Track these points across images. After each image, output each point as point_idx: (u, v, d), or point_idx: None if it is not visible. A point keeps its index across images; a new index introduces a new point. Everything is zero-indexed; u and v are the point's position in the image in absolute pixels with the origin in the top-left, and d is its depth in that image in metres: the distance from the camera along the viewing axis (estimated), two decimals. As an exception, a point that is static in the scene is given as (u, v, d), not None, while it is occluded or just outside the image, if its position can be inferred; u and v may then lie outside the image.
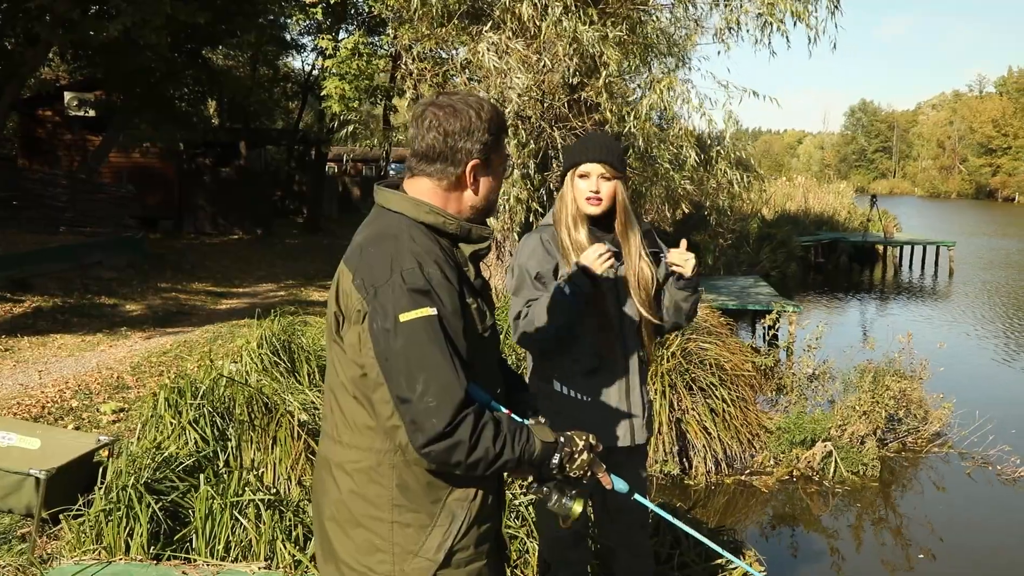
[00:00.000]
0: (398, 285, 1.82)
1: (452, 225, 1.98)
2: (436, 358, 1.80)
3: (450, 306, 1.86)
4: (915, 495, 6.92)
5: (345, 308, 1.92)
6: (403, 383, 1.79)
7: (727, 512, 6.53)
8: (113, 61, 14.59)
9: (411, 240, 1.90)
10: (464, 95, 1.99)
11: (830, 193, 31.98)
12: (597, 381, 3.01)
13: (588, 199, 2.95)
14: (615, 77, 8.21)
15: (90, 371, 7.50)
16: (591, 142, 3.02)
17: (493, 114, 1.98)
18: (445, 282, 1.87)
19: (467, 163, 1.97)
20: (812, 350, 8.43)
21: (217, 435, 4.57)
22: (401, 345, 1.80)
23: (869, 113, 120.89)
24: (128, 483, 3.72)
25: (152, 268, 13.86)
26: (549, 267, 2.97)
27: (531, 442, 1.92)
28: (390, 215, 1.99)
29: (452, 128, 1.96)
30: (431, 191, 2.00)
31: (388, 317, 1.81)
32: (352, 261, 1.94)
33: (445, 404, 1.77)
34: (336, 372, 1.99)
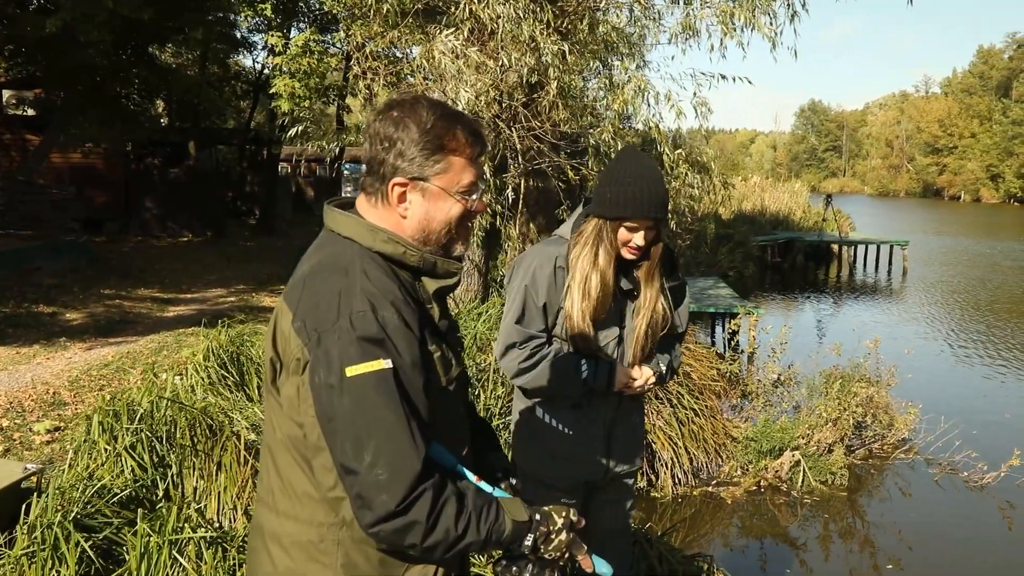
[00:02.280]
0: (346, 332, 1.53)
1: (414, 257, 1.69)
2: (389, 421, 1.51)
3: (408, 357, 1.57)
4: (883, 503, 6.82)
5: (283, 354, 1.62)
6: (349, 450, 1.51)
7: (694, 525, 6.37)
8: (52, 58, 14.03)
9: (363, 275, 1.60)
10: (429, 104, 1.70)
11: (785, 193, 32.20)
12: (582, 415, 2.80)
13: (630, 250, 2.66)
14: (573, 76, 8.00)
15: (24, 386, 7.07)
16: (641, 191, 2.60)
17: (441, 130, 1.67)
18: (403, 328, 1.58)
19: (390, 179, 1.68)
20: (777, 355, 8.30)
21: (157, 461, 4.24)
22: (348, 405, 1.51)
23: (819, 113, 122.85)
24: (54, 520, 3.38)
25: (96, 273, 13.33)
26: (556, 302, 2.72)
27: (500, 521, 1.63)
28: (340, 242, 1.70)
29: (383, 135, 1.68)
30: (369, 212, 1.73)
31: (333, 370, 1.52)
32: (293, 298, 1.64)
33: (398, 478, 1.49)
34: (273, 428, 1.69)
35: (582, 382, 2.69)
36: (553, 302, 2.72)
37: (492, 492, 1.73)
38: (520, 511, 1.67)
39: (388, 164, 1.68)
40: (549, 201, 12.44)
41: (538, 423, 2.82)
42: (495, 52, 7.72)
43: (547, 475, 2.81)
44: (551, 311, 2.73)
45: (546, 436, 2.80)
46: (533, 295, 2.72)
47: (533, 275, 2.72)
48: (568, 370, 2.69)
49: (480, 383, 6.24)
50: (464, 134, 1.70)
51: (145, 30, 14.69)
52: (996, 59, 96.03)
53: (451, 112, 1.72)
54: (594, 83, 9.51)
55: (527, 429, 2.87)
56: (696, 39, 8.14)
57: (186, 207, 20.96)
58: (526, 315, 2.73)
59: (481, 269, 9.36)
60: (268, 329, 1.70)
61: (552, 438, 2.80)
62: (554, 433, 2.80)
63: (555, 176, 8.58)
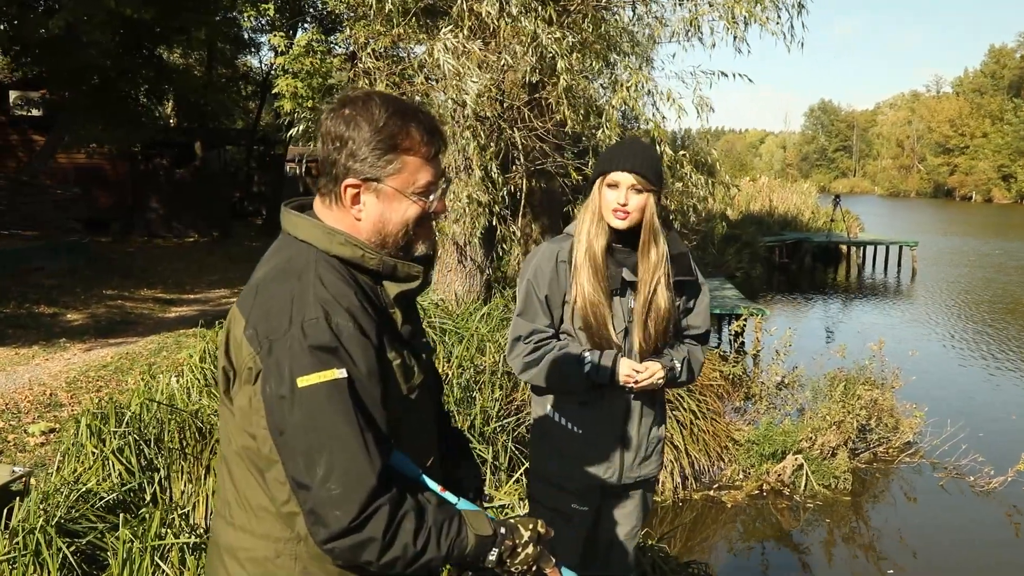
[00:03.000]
0: (297, 340, 1.46)
1: (372, 260, 1.62)
2: (342, 434, 1.44)
3: (364, 366, 1.50)
4: (887, 507, 6.72)
5: (236, 362, 1.55)
6: (301, 464, 1.44)
7: (695, 529, 6.29)
8: (56, 58, 14.03)
9: (318, 280, 1.53)
10: (381, 101, 1.62)
11: (794, 193, 32.00)
12: (592, 413, 2.74)
13: (615, 211, 2.63)
14: (577, 75, 7.92)
15: (21, 387, 7.04)
16: (625, 149, 2.69)
17: (395, 128, 1.60)
18: (359, 336, 1.50)
19: (342, 180, 1.61)
20: (781, 357, 8.21)
21: (145, 465, 4.18)
22: (299, 417, 1.44)
23: (829, 113, 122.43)
24: (36, 525, 3.33)
25: (98, 274, 13.31)
26: (559, 296, 2.71)
27: (463, 535, 1.56)
28: (296, 246, 1.63)
29: (334, 134, 1.61)
30: (325, 215, 1.66)
31: (284, 381, 1.45)
32: (246, 304, 1.57)
33: (352, 493, 1.42)
34: (228, 439, 1.63)
35: (585, 375, 2.64)
36: (556, 295, 2.71)
37: (457, 503, 1.66)
38: (484, 525, 1.60)
39: (340, 165, 1.61)
40: (553, 201, 12.39)
41: (548, 422, 2.78)
42: (497, 50, 7.66)
43: (557, 476, 2.78)
44: (555, 305, 2.72)
45: (555, 435, 2.77)
46: (535, 288, 2.72)
47: (535, 269, 2.73)
48: (571, 362, 2.66)
49: (478, 386, 6.18)
50: (419, 132, 1.63)
51: (148, 30, 14.67)
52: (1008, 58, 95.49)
53: (405, 109, 1.64)
54: (597, 82, 9.43)
55: (538, 428, 2.84)
56: (699, 36, 8.04)
57: (192, 208, 20.96)
58: (529, 308, 2.73)
59: (483, 269, 9.29)
60: (221, 337, 1.63)
61: (561, 437, 2.76)
62: (563, 432, 2.76)
63: (559, 176, 8.51)
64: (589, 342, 2.69)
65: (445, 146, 1.69)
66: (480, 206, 7.78)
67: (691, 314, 2.89)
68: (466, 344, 6.81)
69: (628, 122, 10.32)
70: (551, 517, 2.77)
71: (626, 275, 2.69)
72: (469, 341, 6.89)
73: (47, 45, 13.40)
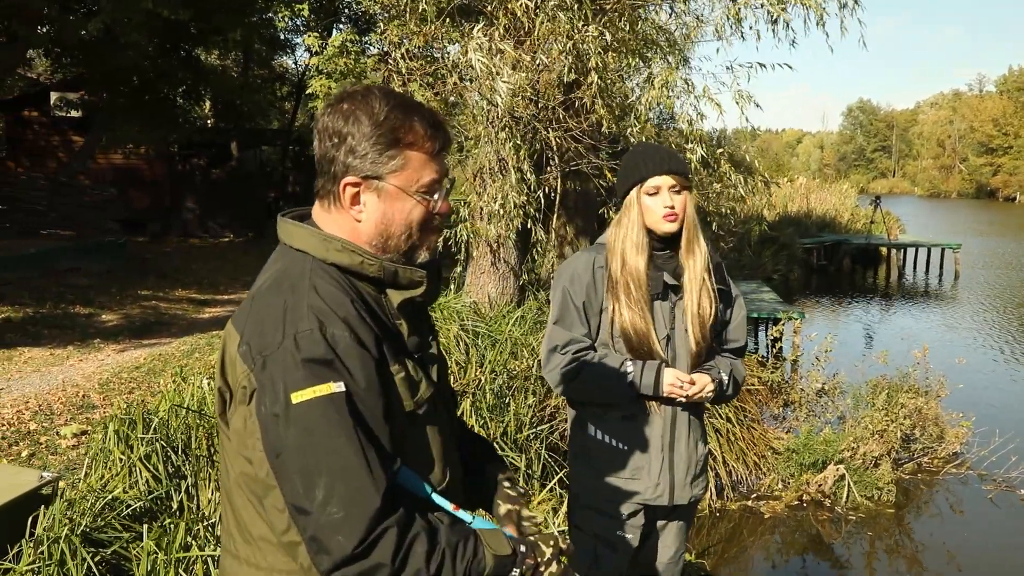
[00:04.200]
0: (291, 354, 1.36)
1: (372, 266, 1.51)
2: (342, 452, 1.33)
3: (363, 379, 1.39)
4: (932, 520, 6.52)
5: (231, 382, 1.45)
6: (299, 487, 1.33)
7: (732, 541, 6.15)
8: (95, 60, 14.16)
9: (312, 290, 1.43)
10: (382, 94, 1.52)
11: (833, 194, 31.52)
12: (635, 427, 2.61)
13: (665, 216, 2.53)
14: (612, 75, 7.79)
15: (54, 388, 7.05)
16: (654, 152, 2.59)
17: (396, 122, 1.49)
18: (356, 347, 1.40)
19: (341, 179, 1.51)
20: (821, 363, 8.00)
21: (172, 472, 4.12)
22: (295, 436, 1.33)
23: (868, 112, 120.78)
24: (61, 534, 3.27)
25: (134, 274, 13.40)
26: (596, 304, 2.60)
27: (480, 556, 1.44)
28: (292, 255, 1.53)
29: (332, 129, 1.50)
30: (323, 219, 1.56)
31: (279, 398, 1.35)
32: (240, 320, 1.47)
33: (355, 516, 1.31)
34: (226, 466, 1.52)
35: (628, 385, 2.52)
36: (593, 303, 2.60)
37: (472, 522, 1.55)
38: (502, 544, 1.49)
39: (339, 162, 1.50)
40: (588, 203, 12.24)
41: (589, 440, 2.65)
42: (532, 49, 7.55)
43: (602, 500, 2.63)
44: (592, 313, 2.61)
45: (598, 453, 2.63)
46: (572, 295, 2.61)
47: (572, 276, 2.63)
48: (613, 373, 2.54)
49: (511, 391, 6.06)
50: (422, 126, 1.52)
51: (184, 31, 14.76)
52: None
53: (407, 103, 1.54)
54: (633, 82, 9.28)
55: (578, 447, 2.70)
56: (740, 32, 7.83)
57: (227, 208, 21.10)
58: (566, 316, 2.62)
59: (517, 272, 9.18)
60: (217, 356, 1.53)
61: (603, 456, 2.63)
62: (606, 450, 2.62)
63: (594, 177, 8.38)
64: (630, 353, 2.57)
65: (449, 143, 1.59)
66: (515, 207, 7.67)
67: (729, 327, 2.75)
68: (499, 348, 6.71)
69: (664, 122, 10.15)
70: (595, 544, 2.64)
71: (667, 279, 2.58)
72: (502, 345, 6.78)
73: (86, 47, 13.52)
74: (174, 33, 14.94)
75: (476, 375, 6.26)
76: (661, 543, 2.76)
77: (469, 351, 6.66)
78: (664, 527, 2.75)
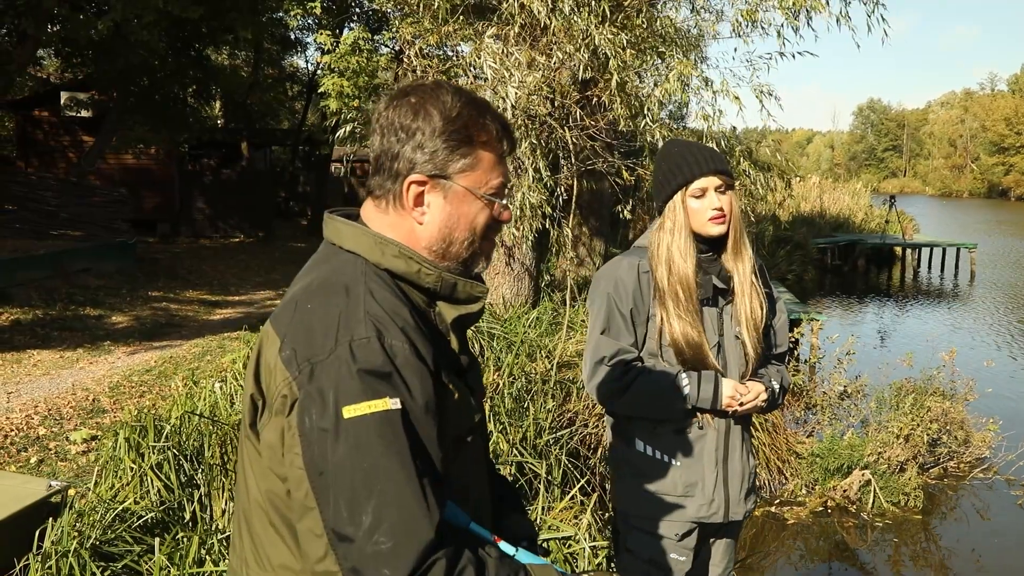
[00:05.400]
0: (345, 363, 1.22)
1: (430, 276, 1.38)
2: (395, 476, 1.20)
3: (422, 397, 1.26)
4: (960, 526, 6.36)
5: (267, 390, 1.31)
6: (343, 511, 1.19)
7: (755, 547, 5.99)
8: (105, 59, 14.08)
9: (369, 295, 1.30)
10: (453, 90, 1.40)
11: (846, 194, 31.29)
12: (688, 441, 2.45)
13: (713, 219, 2.38)
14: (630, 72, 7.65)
15: (64, 392, 6.94)
16: (696, 151, 2.43)
17: (469, 119, 1.37)
18: (416, 361, 1.27)
19: (405, 177, 1.38)
20: (843, 365, 7.84)
21: (184, 481, 4.00)
22: (344, 453, 1.20)
23: (879, 112, 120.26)
24: (70, 548, 3.15)
25: (144, 275, 13.32)
26: (643, 312, 2.44)
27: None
28: (342, 256, 1.39)
29: (398, 124, 1.37)
30: (377, 220, 1.42)
31: (328, 411, 1.21)
32: (282, 322, 1.33)
33: (405, 547, 1.17)
34: (247, 485, 1.38)
35: (684, 399, 2.37)
36: (640, 311, 2.44)
37: (516, 554, 1.41)
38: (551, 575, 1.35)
39: (404, 158, 1.37)
40: (603, 202, 12.11)
41: (636, 455, 2.48)
42: (547, 48, 7.41)
43: (655, 520, 2.47)
44: (639, 321, 2.44)
45: (649, 471, 2.46)
46: (617, 302, 2.44)
47: (616, 281, 2.46)
48: (667, 386, 2.38)
49: (529, 395, 5.93)
50: (495, 127, 1.41)
51: (194, 30, 14.67)
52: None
53: (479, 100, 1.42)
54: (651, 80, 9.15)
55: (626, 465, 2.53)
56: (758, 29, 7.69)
57: (237, 208, 21.05)
58: (612, 325, 2.45)
59: (532, 272, 9.05)
60: (251, 360, 1.38)
61: (655, 473, 2.46)
62: (658, 467, 2.46)
63: (610, 176, 8.24)
64: (681, 364, 2.42)
65: (515, 147, 1.47)
66: (532, 208, 7.54)
67: (773, 331, 2.61)
68: (516, 351, 6.58)
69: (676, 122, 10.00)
70: (648, 570, 2.49)
71: (716, 282, 2.43)
72: (519, 348, 6.65)
73: (96, 46, 13.44)
74: (185, 32, 14.85)
75: (494, 379, 6.13)
76: (711, 560, 2.62)
77: (485, 353, 6.54)
78: (715, 544, 2.61)
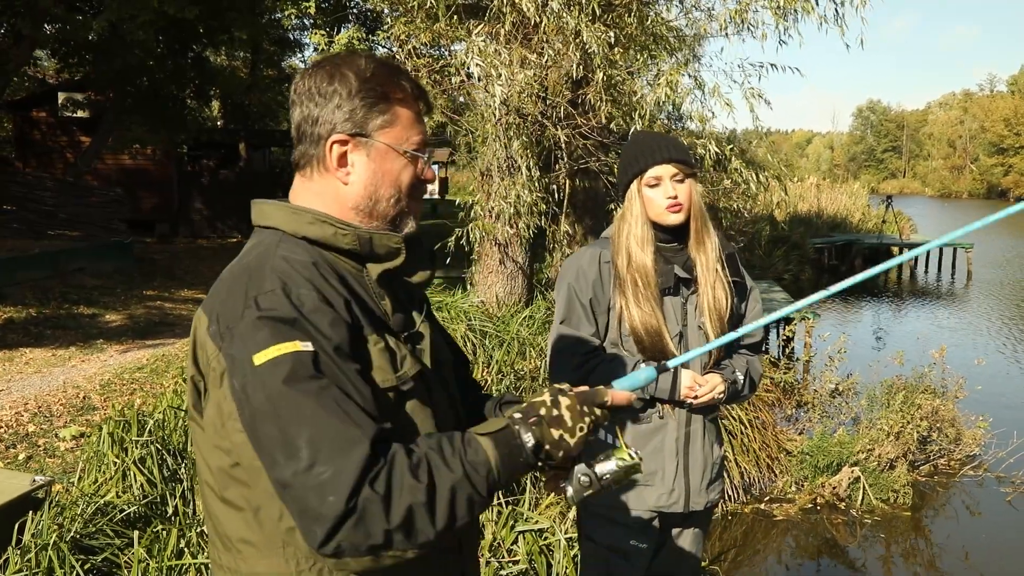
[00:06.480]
0: (252, 315, 1.23)
1: (346, 237, 1.38)
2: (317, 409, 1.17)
3: (335, 337, 1.24)
4: (949, 523, 6.37)
5: (204, 369, 1.31)
6: (279, 456, 1.16)
7: (745, 545, 6.01)
8: (102, 59, 14.09)
9: (280, 259, 1.31)
10: (359, 54, 1.43)
11: (843, 194, 31.30)
12: (648, 432, 2.47)
13: (669, 207, 2.40)
14: (619, 72, 7.67)
15: (55, 390, 6.95)
16: (652, 141, 2.45)
17: (384, 78, 1.40)
18: (325, 307, 1.26)
19: (326, 139, 1.39)
20: (834, 364, 7.85)
21: (168, 475, 4.00)
22: (264, 399, 1.18)
23: (878, 113, 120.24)
24: (49, 540, 3.16)
25: (141, 275, 13.34)
26: (604, 302, 2.46)
27: (470, 440, 1.26)
28: (263, 233, 1.42)
29: (315, 89, 1.39)
30: (303, 191, 1.44)
31: (244, 364, 1.21)
32: (207, 303, 1.35)
33: (343, 469, 1.13)
34: (199, 468, 1.39)
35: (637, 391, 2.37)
36: (600, 300, 2.46)
37: None
38: (492, 424, 1.32)
39: (323, 121, 1.39)
40: (597, 201, 12.11)
41: (598, 443, 2.50)
42: (539, 46, 7.43)
43: (614, 508, 2.49)
44: (600, 311, 2.47)
45: None
46: (577, 292, 2.47)
47: (578, 272, 2.50)
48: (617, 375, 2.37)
49: (519, 392, 5.94)
50: (409, 84, 1.44)
51: (191, 31, 14.68)
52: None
53: (391, 63, 1.46)
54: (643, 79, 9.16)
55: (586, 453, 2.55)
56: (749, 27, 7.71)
57: (236, 209, 21.05)
58: (572, 315, 2.48)
59: (526, 271, 9.06)
60: (190, 344, 1.39)
61: None
62: None
63: (604, 176, 8.25)
64: (641, 353, 2.43)
65: (431, 108, 1.49)
66: (525, 206, 7.55)
67: (744, 321, 2.61)
68: (506, 348, 6.59)
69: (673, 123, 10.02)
70: (607, 556, 2.51)
71: (679, 272, 2.44)
72: (510, 345, 6.66)
73: (93, 46, 13.46)
74: (181, 32, 14.87)
75: (483, 376, 6.15)
76: (677, 551, 2.63)
77: (476, 351, 6.55)
78: (679, 534, 2.62)
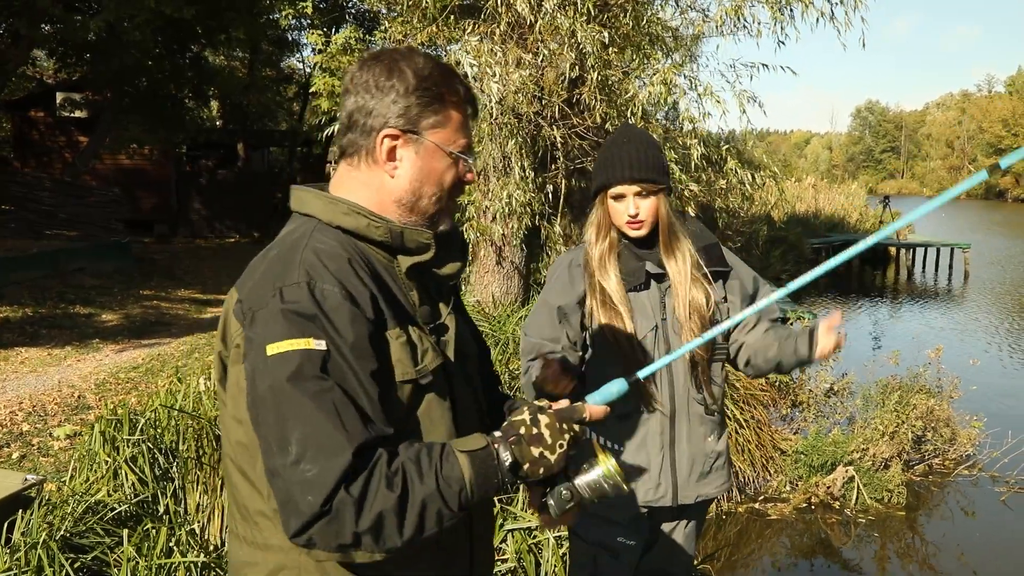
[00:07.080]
0: (275, 305, 1.28)
1: (379, 229, 1.42)
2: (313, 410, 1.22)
3: (351, 336, 1.28)
4: (944, 523, 6.36)
5: (228, 343, 1.38)
6: (273, 445, 1.23)
7: (739, 544, 6.01)
8: (100, 60, 14.10)
9: (309, 248, 1.35)
10: (418, 52, 1.45)
11: (841, 194, 31.32)
12: (632, 426, 2.45)
13: (629, 223, 2.41)
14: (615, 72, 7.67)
15: (50, 389, 6.95)
16: (621, 154, 2.42)
17: (440, 79, 1.43)
18: (347, 304, 1.30)
19: (378, 132, 1.42)
20: (829, 363, 7.85)
21: (159, 474, 4.00)
22: (266, 389, 1.24)
23: (876, 113, 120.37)
24: (39, 539, 3.15)
25: (139, 275, 13.35)
26: (572, 299, 2.46)
27: (450, 461, 1.30)
28: (299, 219, 1.47)
29: (372, 83, 1.42)
30: (347, 179, 1.47)
31: (258, 351, 1.27)
32: (240, 281, 1.41)
33: (325, 472, 1.19)
34: (227, 437, 1.44)
35: None
36: (571, 303, 2.45)
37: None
38: (471, 441, 1.35)
39: (377, 114, 1.43)
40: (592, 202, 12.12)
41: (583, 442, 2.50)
42: (534, 46, 7.44)
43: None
44: (571, 312, 2.45)
45: None
46: (547, 297, 2.49)
47: (549, 277, 2.56)
48: None
49: (513, 391, 5.95)
50: (462, 88, 1.48)
51: (188, 30, 14.69)
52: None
53: (447, 65, 1.49)
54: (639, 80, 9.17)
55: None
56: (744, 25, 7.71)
57: (234, 209, 21.07)
58: (533, 322, 2.49)
59: (522, 271, 9.06)
60: (220, 322, 1.45)
61: None
62: None
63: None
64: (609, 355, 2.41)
65: (477, 114, 1.53)
66: (521, 206, 7.57)
67: (755, 300, 2.61)
68: (501, 348, 6.59)
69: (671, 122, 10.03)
70: (595, 553, 2.50)
71: (650, 268, 2.44)
72: (505, 345, 6.66)
73: (91, 46, 13.47)
74: (179, 32, 14.87)
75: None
76: (668, 547, 2.61)
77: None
78: (671, 530, 2.60)
